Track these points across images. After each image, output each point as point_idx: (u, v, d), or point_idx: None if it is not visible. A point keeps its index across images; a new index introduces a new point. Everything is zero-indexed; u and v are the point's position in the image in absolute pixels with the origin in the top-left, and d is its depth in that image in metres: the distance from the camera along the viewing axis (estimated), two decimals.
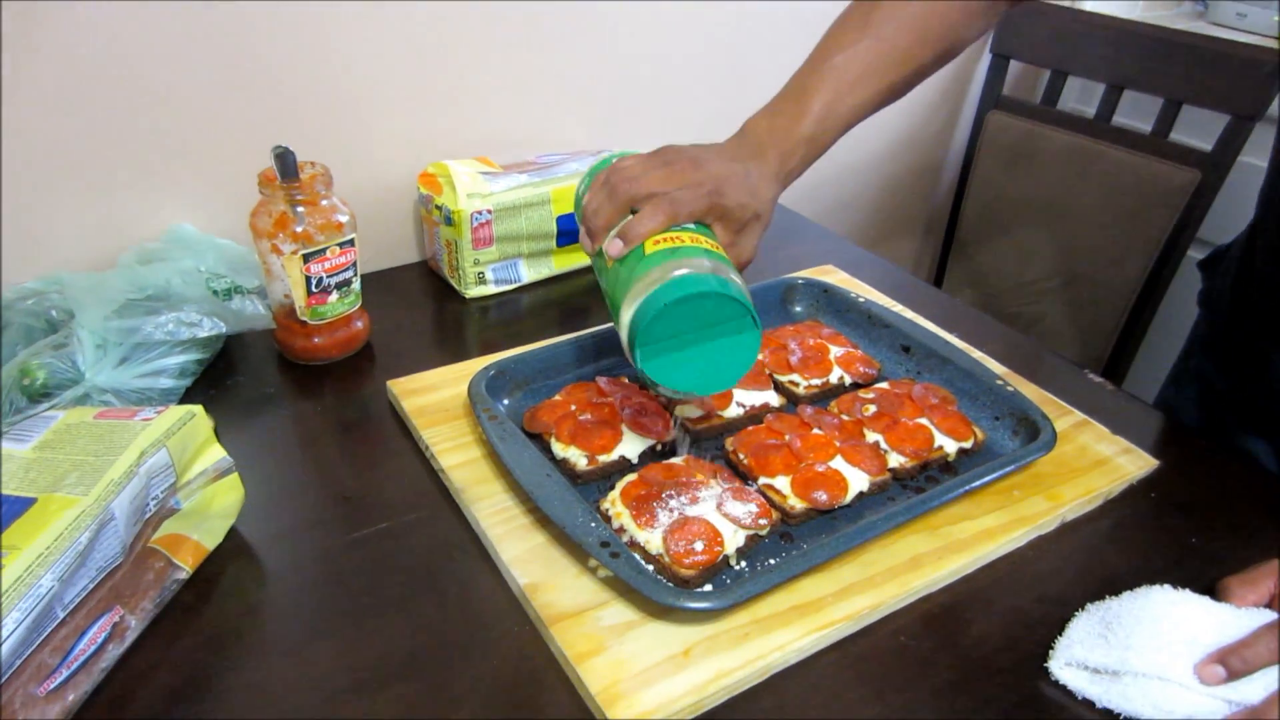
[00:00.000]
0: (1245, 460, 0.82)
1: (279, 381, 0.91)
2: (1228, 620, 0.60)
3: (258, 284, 0.94)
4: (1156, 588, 0.64)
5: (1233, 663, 0.57)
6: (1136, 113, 1.44)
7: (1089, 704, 0.60)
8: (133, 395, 0.81)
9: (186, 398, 0.86)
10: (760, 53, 1.34)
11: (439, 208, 1.05)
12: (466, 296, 1.08)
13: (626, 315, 0.65)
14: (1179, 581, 0.64)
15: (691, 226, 0.69)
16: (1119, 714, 0.59)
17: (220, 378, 0.91)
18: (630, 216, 0.69)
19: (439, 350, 1.00)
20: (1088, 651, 0.60)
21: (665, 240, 0.66)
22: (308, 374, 0.93)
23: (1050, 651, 0.62)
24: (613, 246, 0.68)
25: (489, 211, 1.03)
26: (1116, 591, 0.65)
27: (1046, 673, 0.62)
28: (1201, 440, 0.85)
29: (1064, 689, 0.61)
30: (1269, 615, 0.60)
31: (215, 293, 0.91)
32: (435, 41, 1.08)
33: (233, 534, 0.71)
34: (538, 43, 1.15)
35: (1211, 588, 0.65)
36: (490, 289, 1.08)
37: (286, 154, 0.83)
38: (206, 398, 0.87)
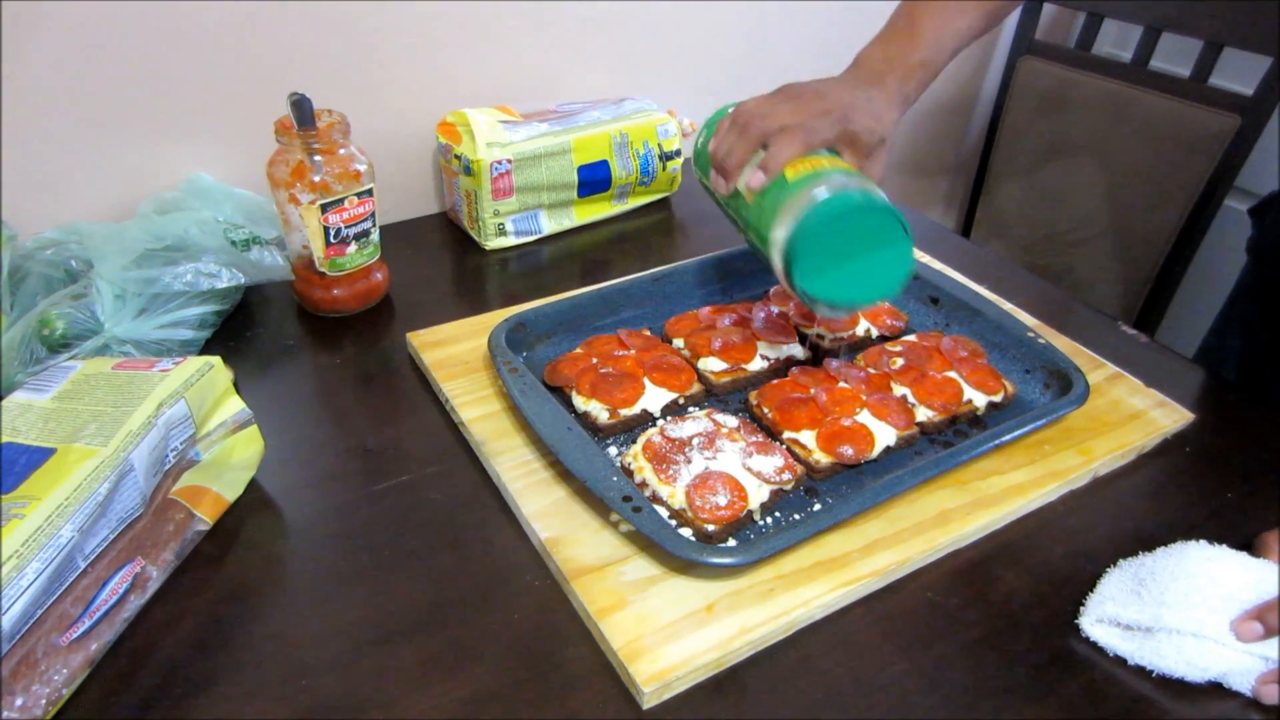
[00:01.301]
0: None
1: (298, 334, 0.91)
2: (1265, 576, 0.59)
3: (276, 235, 0.93)
4: (1192, 543, 0.62)
5: (1270, 620, 0.56)
6: (1175, 57, 1.39)
7: (1120, 661, 0.59)
8: (152, 346, 0.80)
9: (206, 349, 0.86)
10: None
11: (458, 157, 1.03)
12: (486, 248, 1.06)
13: (780, 237, 0.67)
14: (1214, 537, 0.62)
15: (825, 153, 0.72)
16: (1152, 671, 0.58)
17: (239, 330, 0.90)
18: (763, 152, 0.71)
19: (459, 302, 0.98)
20: (1120, 608, 0.59)
21: (805, 165, 0.69)
22: (327, 326, 0.92)
23: (1080, 608, 0.61)
24: (754, 179, 0.70)
25: (509, 161, 1.02)
26: (1150, 547, 0.63)
27: (1077, 630, 0.60)
28: (1237, 393, 0.83)
29: (1095, 646, 0.60)
30: None
31: (233, 243, 0.90)
32: None
33: (253, 486, 0.71)
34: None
35: (1249, 543, 0.63)
36: (510, 240, 1.07)
37: (303, 101, 0.82)
38: (226, 349, 0.87)
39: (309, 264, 0.89)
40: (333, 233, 0.86)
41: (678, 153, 1.14)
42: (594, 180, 1.08)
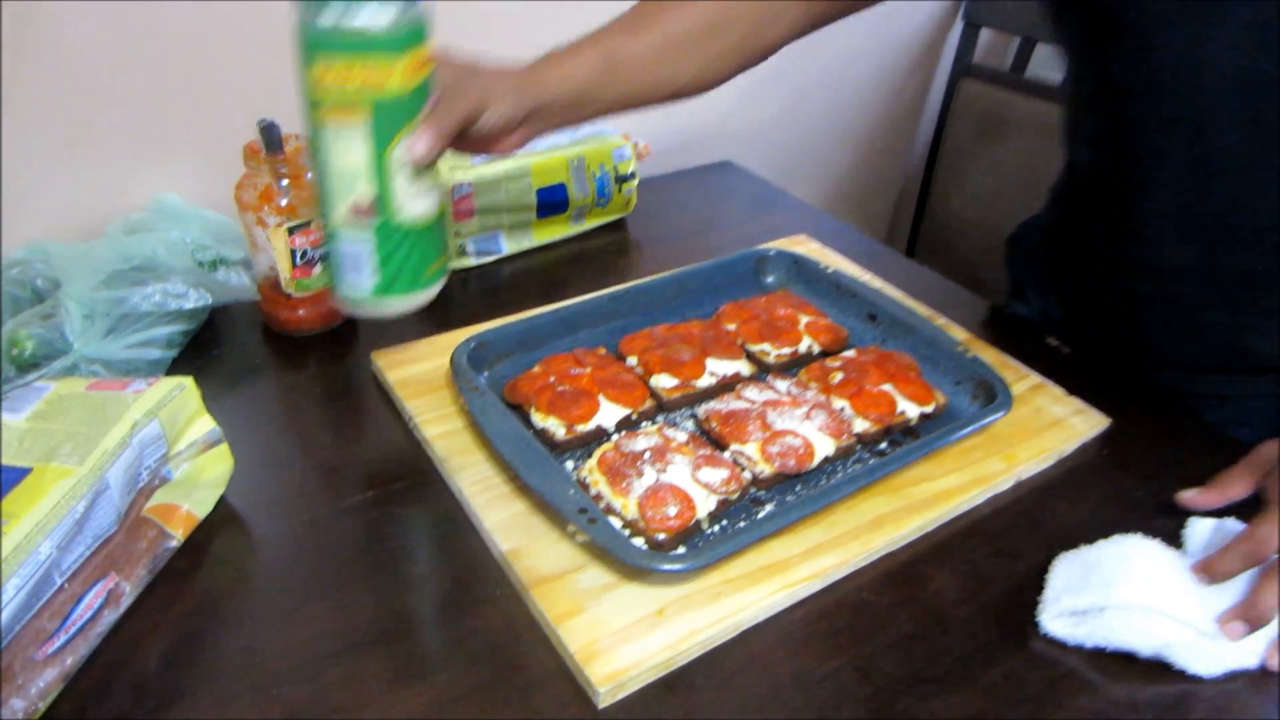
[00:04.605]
0: (1191, 416, 0.86)
1: (264, 353, 0.93)
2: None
3: (243, 255, 0.95)
4: (1131, 535, 0.67)
5: (1254, 612, 0.60)
6: None
7: (1060, 645, 0.63)
8: (121, 366, 0.82)
9: (173, 369, 0.87)
10: None
11: None
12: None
13: None
14: (1128, 532, 0.67)
15: None
16: (1105, 649, 0.62)
17: (205, 349, 0.92)
18: None
19: (421, 322, 1.00)
20: (1074, 598, 0.63)
21: None
22: (292, 345, 0.94)
23: (1037, 606, 0.65)
24: None
25: (469, 185, 1.05)
26: (1069, 545, 0.68)
27: (1000, 622, 0.65)
28: (1152, 400, 0.88)
29: (1019, 638, 0.64)
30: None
31: (201, 264, 0.92)
32: None
33: (222, 503, 0.72)
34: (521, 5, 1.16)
35: (1163, 537, 0.67)
36: (471, 260, 1.10)
37: (272, 127, 0.84)
38: (192, 368, 0.87)
39: (275, 284, 0.91)
40: (299, 254, 0.89)
41: (633, 175, 1.17)
42: (552, 202, 1.12)
